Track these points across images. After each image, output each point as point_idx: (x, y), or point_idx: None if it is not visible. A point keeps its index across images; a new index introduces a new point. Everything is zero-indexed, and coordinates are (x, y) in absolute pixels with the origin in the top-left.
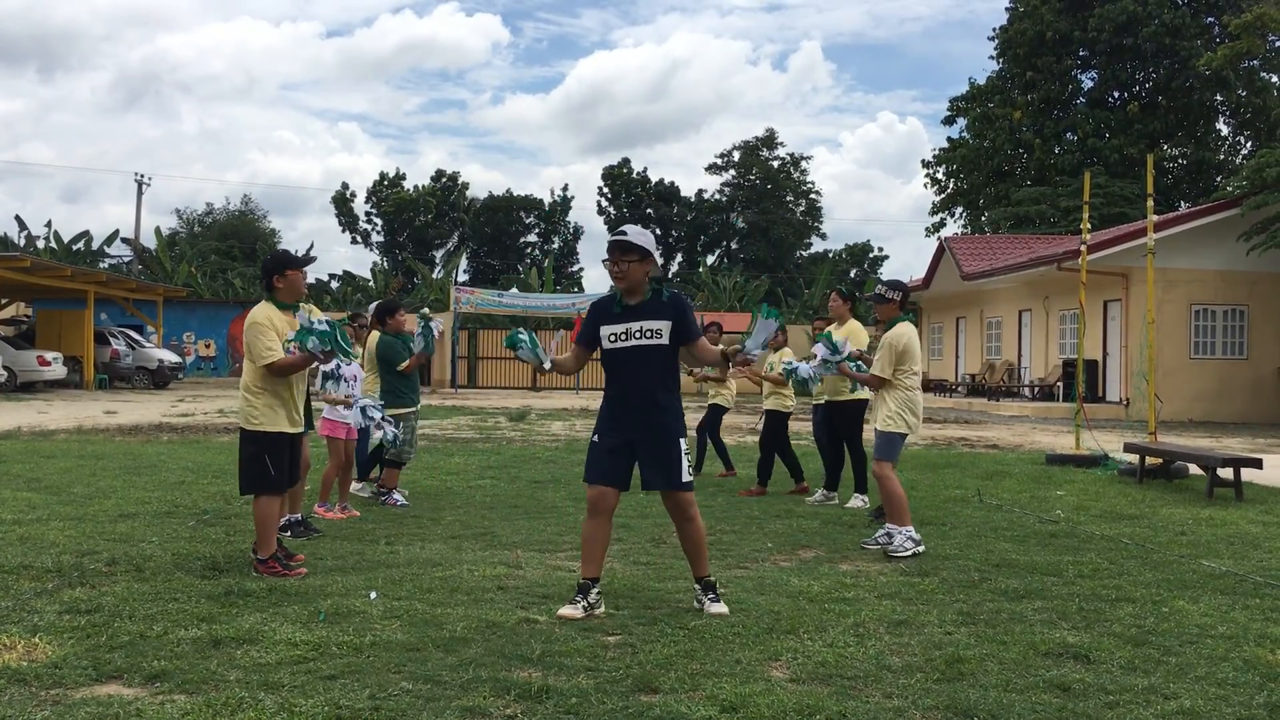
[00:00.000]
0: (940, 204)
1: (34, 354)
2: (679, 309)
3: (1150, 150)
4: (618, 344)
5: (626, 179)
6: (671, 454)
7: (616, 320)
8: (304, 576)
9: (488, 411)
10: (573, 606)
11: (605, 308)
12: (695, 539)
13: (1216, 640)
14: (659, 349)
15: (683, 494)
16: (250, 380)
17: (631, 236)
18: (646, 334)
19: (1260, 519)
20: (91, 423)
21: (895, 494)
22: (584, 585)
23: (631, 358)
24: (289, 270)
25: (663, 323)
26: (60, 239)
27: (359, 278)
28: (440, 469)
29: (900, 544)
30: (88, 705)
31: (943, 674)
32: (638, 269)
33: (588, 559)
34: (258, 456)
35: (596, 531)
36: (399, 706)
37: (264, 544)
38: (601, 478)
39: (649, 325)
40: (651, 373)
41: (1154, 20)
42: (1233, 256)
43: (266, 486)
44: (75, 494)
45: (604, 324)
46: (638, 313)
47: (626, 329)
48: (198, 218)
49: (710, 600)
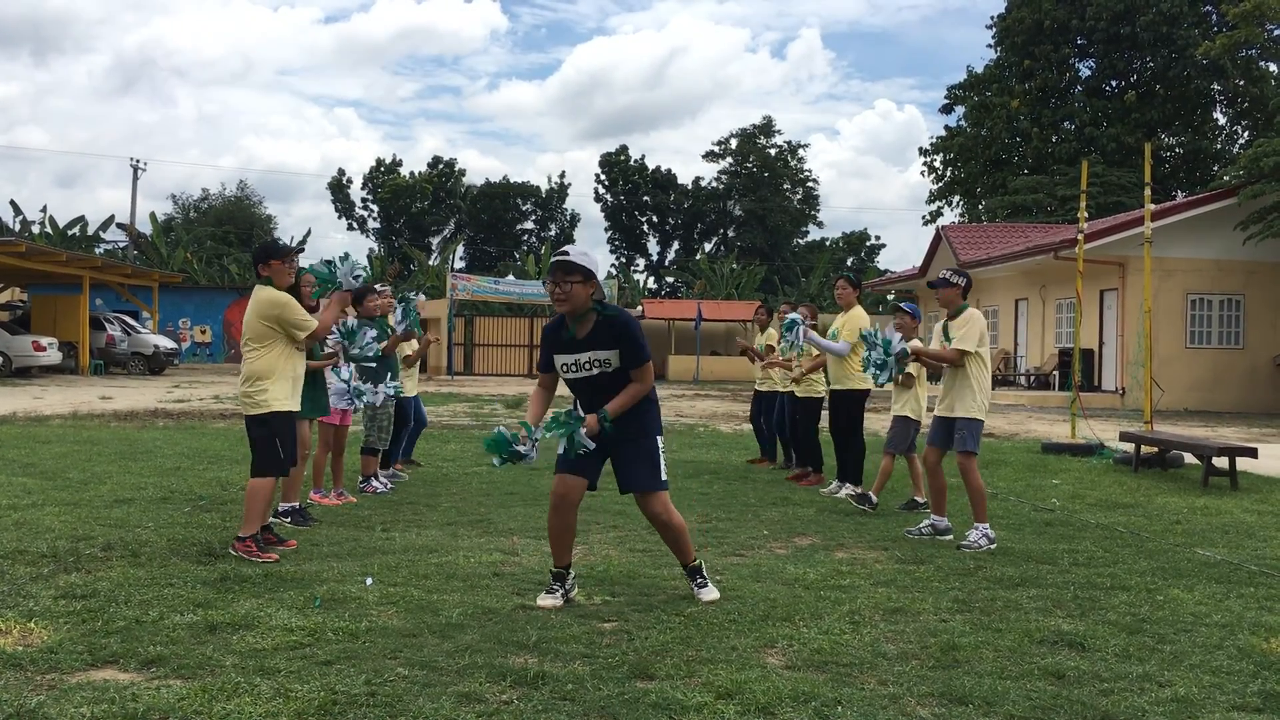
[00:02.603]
0: (937, 192)
1: (29, 339)
2: (624, 337)
3: (1148, 139)
4: (568, 374)
5: (624, 166)
6: (647, 455)
7: (567, 349)
8: (274, 562)
9: (484, 398)
10: (551, 596)
11: (556, 335)
12: (673, 535)
13: (1211, 628)
14: (609, 375)
15: (658, 494)
16: (262, 365)
17: (573, 257)
18: (597, 364)
19: (1255, 508)
20: (87, 408)
21: (979, 487)
22: (559, 574)
23: (587, 385)
24: (273, 260)
25: (610, 352)
26: (55, 224)
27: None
28: (436, 455)
29: (976, 540)
30: (83, 690)
31: (938, 661)
32: (580, 291)
33: (559, 549)
34: (270, 439)
35: (564, 524)
36: (395, 692)
37: (250, 521)
38: (570, 467)
39: (598, 355)
40: (611, 394)
41: (1151, 9)
42: (1229, 246)
43: (277, 467)
44: (71, 479)
45: (556, 353)
46: (587, 343)
47: (576, 360)
48: (193, 203)
49: (699, 587)
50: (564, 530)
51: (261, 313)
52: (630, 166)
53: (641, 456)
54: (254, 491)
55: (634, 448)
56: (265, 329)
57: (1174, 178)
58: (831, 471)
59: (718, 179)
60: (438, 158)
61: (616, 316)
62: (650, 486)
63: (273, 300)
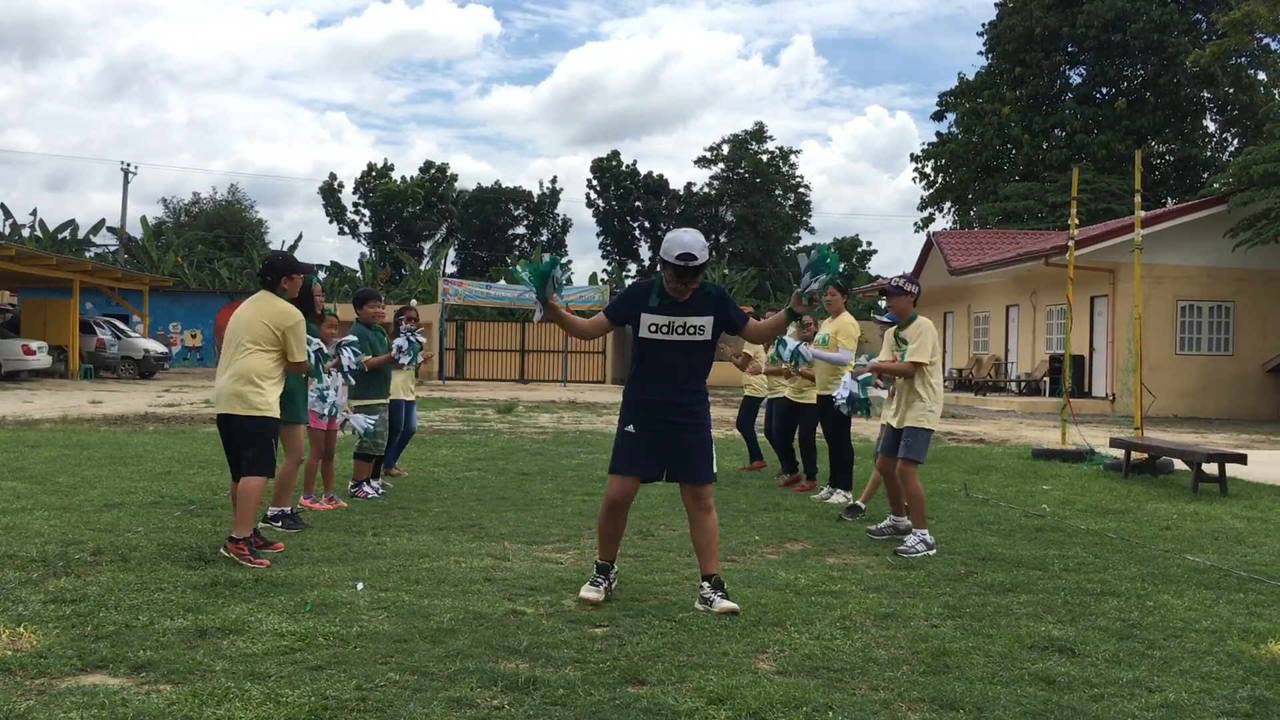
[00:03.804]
0: (929, 199)
1: (19, 343)
2: (722, 302)
3: (1138, 146)
4: (658, 335)
5: (615, 171)
6: (705, 446)
7: (658, 312)
8: (266, 567)
9: (475, 403)
10: (594, 589)
11: (645, 297)
12: (711, 531)
13: (1201, 634)
14: (701, 344)
15: (708, 486)
16: (266, 368)
17: (700, 257)
18: (690, 329)
19: (1244, 514)
20: (77, 412)
21: (919, 494)
22: (604, 566)
23: (673, 349)
24: (296, 274)
25: (706, 318)
26: (46, 227)
27: (347, 269)
28: (427, 460)
29: (913, 545)
30: (73, 695)
31: (929, 666)
32: (692, 288)
33: (608, 543)
34: (266, 440)
35: (618, 524)
36: (386, 697)
37: (244, 523)
38: (634, 468)
39: (693, 321)
40: (692, 366)
41: (1142, 16)
42: (1219, 253)
43: (267, 468)
44: (60, 484)
45: (645, 312)
46: (682, 308)
47: (670, 322)
48: (184, 207)
49: (720, 597)
50: (617, 529)
51: (277, 322)
52: (622, 172)
53: (702, 447)
54: (248, 491)
55: (696, 438)
56: (274, 336)
57: (1164, 185)
58: (824, 478)
59: (710, 184)
60: (429, 162)
61: (714, 288)
62: (709, 478)
63: (288, 313)
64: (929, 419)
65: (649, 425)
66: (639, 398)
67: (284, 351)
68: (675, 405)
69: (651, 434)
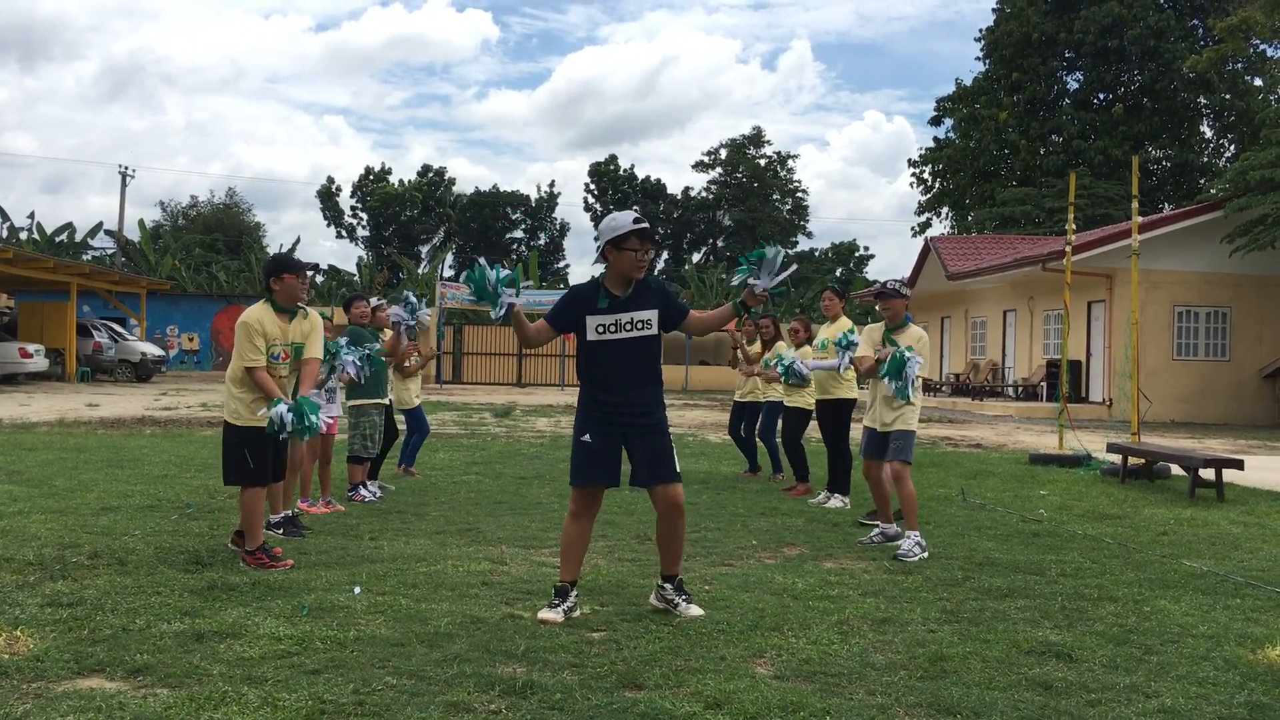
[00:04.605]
0: (926, 204)
1: (15, 346)
2: (663, 294)
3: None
4: (606, 335)
5: (613, 175)
6: (665, 444)
7: (603, 312)
8: (290, 569)
9: (473, 407)
10: (553, 611)
11: (588, 298)
12: (680, 533)
13: (1197, 639)
14: (649, 340)
15: (676, 485)
16: (238, 375)
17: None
18: (637, 325)
19: (1241, 519)
20: (74, 415)
21: (912, 496)
22: (563, 589)
23: (622, 349)
24: (285, 274)
25: (650, 312)
26: (43, 230)
27: (344, 272)
28: (425, 464)
29: (909, 548)
30: (70, 698)
31: (926, 671)
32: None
33: (568, 561)
34: (238, 448)
35: (581, 534)
36: (383, 701)
37: (250, 535)
38: (594, 478)
39: (639, 316)
40: (642, 363)
41: (1139, 23)
42: (1216, 259)
43: (246, 478)
44: (57, 487)
45: (589, 314)
46: (626, 304)
47: (616, 320)
48: (182, 210)
49: (685, 602)
50: (579, 541)
51: (237, 326)
52: (620, 176)
53: (665, 447)
54: (246, 505)
55: (660, 439)
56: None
57: (1161, 190)
58: (820, 482)
59: (707, 189)
60: (427, 166)
61: (654, 281)
62: (677, 477)
63: (243, 320)
64: (913, 420)
65: (606, 430)
66: (594, 402)
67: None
68: (631, 407)
69: (610, 438)
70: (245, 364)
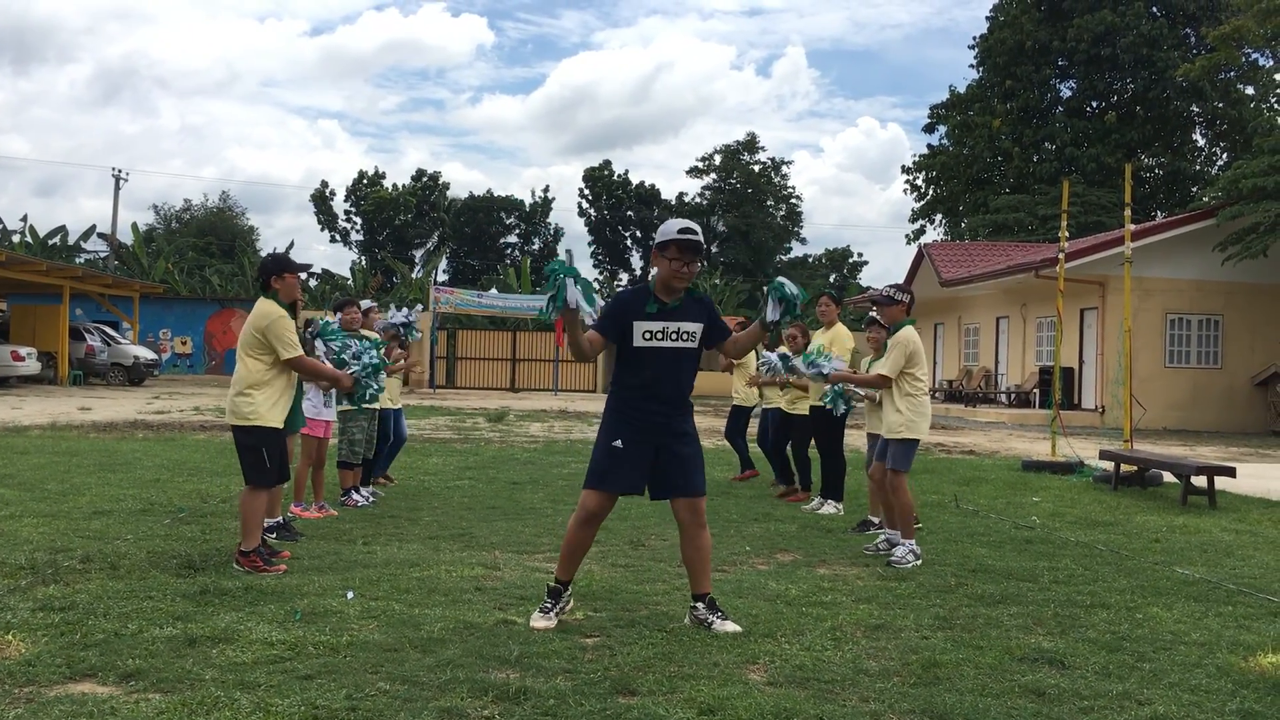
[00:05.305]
0: (920, 210)
1: (8, 349)
2: (712, 311)
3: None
4: (652, 342)
5: (607, 181)
6: (698, 455)
7: (654, 318)
8: (282, 574)
9: (466, 412)
10: (545, 617)
11: (637, 304)
12: (706, 547)
13: (1190, 647)
14: (691, 352)
15: (701, 499)
16: (255, 375)
17: (699, 233)
18: (683, 336)
19: (1233, 527)
20: (66, 419)
21: (908, 505)
22: (556, 589)
23: (666, 358)
24: (287, 274)
25: (696, 325)
26: (36, 233)
27: (338, 276)
28: (418, 469)
29: (903, 556)
30: (61, 703)
31: (919, 678)
32: (695, 270)
33: (568, 563)
34: (256, 450)
35: (587, 539)
36: (376, 707)
37: (248, 536)
38: (621, 484)
39: (685, 327)
40: (683, 375)
41: (1132, 31)
42: (1208, 266)
43: (264, 479)
44: (49, 491)
45: (636, 320)
46: (674, 313)
47: (664, 328)
48: (175, 214)
49: (720, 619)
50: (584, 545)
51: (257, 324)
52: (614, 181)
53: (697, 459)
54: (249, 506)
55: (693, 449)
56: (257, 340)
57: (1154, 198)
58: (815, 488)
59: (701, 195)
60: (421, 170)
61: (703, 295)
62: (703, 490)
63: (265, 313)
64: (911, 429)
65: (640, 439)
66: (630, 409)
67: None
68: (668, 417)
69: (642, 446)
70: (288, 356)
